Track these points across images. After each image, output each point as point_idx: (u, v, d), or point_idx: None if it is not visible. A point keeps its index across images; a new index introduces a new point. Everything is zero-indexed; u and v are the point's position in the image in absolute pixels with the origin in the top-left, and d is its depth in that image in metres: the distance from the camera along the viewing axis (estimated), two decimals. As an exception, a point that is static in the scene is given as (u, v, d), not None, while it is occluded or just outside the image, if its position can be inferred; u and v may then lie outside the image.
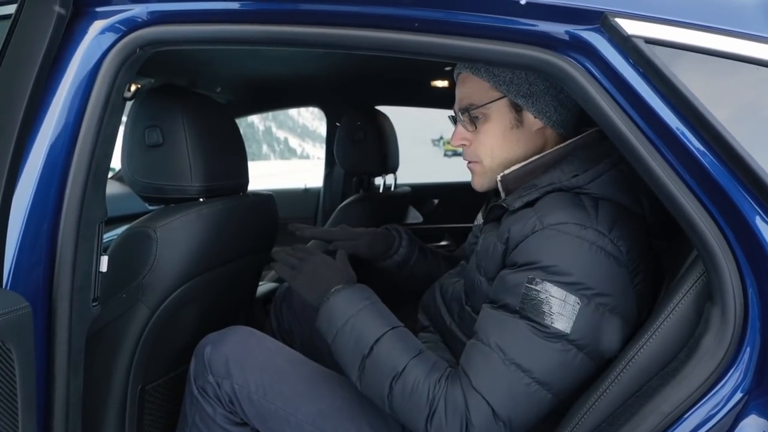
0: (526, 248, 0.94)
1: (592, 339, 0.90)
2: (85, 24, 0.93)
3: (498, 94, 1.05)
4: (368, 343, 0.98)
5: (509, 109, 1.06)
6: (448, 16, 0.84)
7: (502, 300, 0.94)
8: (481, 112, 1.07)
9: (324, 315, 1.05)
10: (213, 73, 2.20)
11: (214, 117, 1.30)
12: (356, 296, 1.05)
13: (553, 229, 0.92)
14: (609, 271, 0.91)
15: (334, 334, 1.02)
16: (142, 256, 1.14)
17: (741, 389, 0.72)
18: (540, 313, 0.90)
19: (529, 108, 1.05)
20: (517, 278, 0.93)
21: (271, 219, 1.48)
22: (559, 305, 0.89)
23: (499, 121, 1.07)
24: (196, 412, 1.15)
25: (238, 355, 1.13)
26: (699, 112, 0.72)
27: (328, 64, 2.08)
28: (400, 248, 1.44)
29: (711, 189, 0.74)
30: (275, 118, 23.63)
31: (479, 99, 1.07)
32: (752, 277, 0.73)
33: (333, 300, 1.04)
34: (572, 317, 0.89)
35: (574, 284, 0.89)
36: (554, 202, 0.96)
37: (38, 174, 0.90)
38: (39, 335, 0.90)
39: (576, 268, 0.90)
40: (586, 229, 0.91)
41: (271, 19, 0.91)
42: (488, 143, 1.08)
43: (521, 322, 0.91)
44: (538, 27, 0.81)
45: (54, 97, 0.91)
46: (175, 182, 1.21)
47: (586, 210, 0.94)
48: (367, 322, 1.01)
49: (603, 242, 0.91)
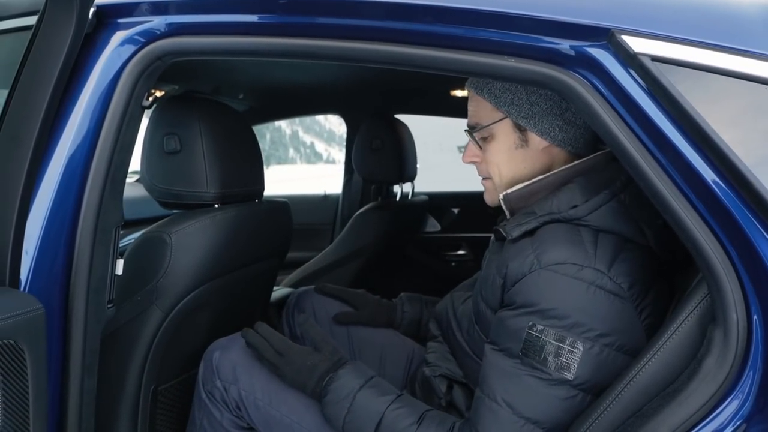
0: (524, 288, 0.93)
1: (598, 380, 0.89)
2: (106, 35, 0.97)
3: (500, 114, 1.05)
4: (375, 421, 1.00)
5: (513, 129, 1.05)
6: (456, 31, 0.85)
7: (503, 343, 0.94)
8: (487, 132, 1.07)
9: (329, 403, 1.05)
10: (235, 80, 2.24)
11: (231, 125, 1.32)
12: (353, 377, 1.06)
13: (550, 269, 0.90)
14: (611, 310, 0.89)
15: (343, 417, 1.03)
16: (157, 260, 1.17)
17: (741, 414, 0.71)
18: (542, 360, 0.89)
19: (531, 129, 1.04)
20: (517, 323, 0.92)
21: (285, 226, 1.50)
22: (560, 351, 0.88)
23: (504, 141, 1.06)
24: (204, 415, 1.17)
25: (246, 361, 1.15)
26: (705, 132, 0.71)
27: (348, 73, 2.10)
28: (404, 316, 1.44)
29: (716, 210, 0.73)
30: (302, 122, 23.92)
31: (484, 119, 1.07)
32: (756, 301, 0.71)
33: (332, 388, 1.05)
34: (575, 362, 0.88)
35: (575, 327, 0.88)
36: (552, 237, 0.94)
37: (58, 180, 0.93)
38: (55, 336, 0.93)
39: (575, 311, 0.89)
40: (583, 269, 0.90)
41: (287, 32, 0.92)
42: (494, 162, 1.08)
43: (523, 370, 0.91)
44: (546, 43, 0.81)
45: (75, 105, 0.94)
46: (191, 188, 1.24)
47: (585, 246, 0.92)
48: (369, 398, 1.03)
49: (602, 281, 0.89)
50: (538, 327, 0.89)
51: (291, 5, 0.91)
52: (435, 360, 1.20)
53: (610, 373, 0.88)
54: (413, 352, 1.41)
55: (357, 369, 1.08)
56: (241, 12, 0.93)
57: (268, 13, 0.93)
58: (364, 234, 2.27)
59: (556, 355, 0.88)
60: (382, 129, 2.24)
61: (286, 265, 1.65)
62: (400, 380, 1.38)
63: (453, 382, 1.15)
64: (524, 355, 0.90)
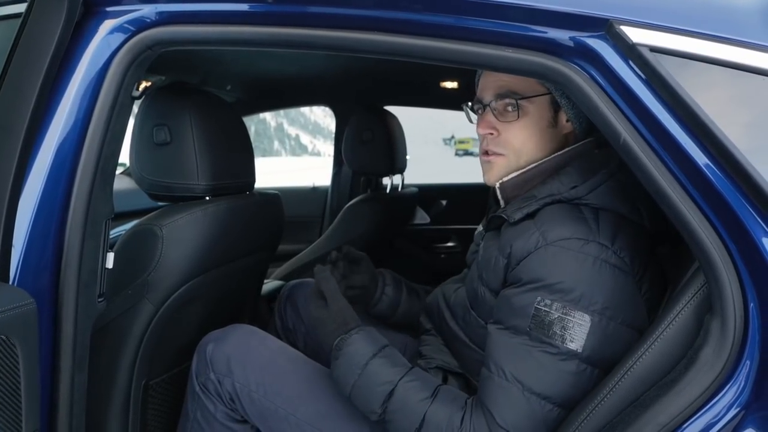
0: (530, 265, 0.93)
1: (605, 353, 0.90)
2: (95, 24, 0.95)
3: (543, 89, 1.02)
4: (386, 391, 0.99)
5: (549, 107, 1.03)
6: (454, 21, 0.84)
7: (509, 321, 0.94)
8: (522, 104, 1.03)
9: (339, 366, 1.04)
10: (223, 71, 2.21)
11: (222, 116, 1.31)
12: (370, 340, 1.05)
13: (556, 245, 0.92)
14: (616, 284, 0.91)
15: (355, 378, 1.02)
16: (148, 253, 1.16)
17: (739, 403, 0.72)
18: (550, 334, 0.90)
19: (567, 111, 1.03)
20: (523, 299, 0.93)
21: (277, 218, 1.49)
22: (567, 324, 0.89)
23: (537, 118, 1.03)
24: (197, 408, 1.16)
25: (240, 353, 1.14)
26: (703, 122, 0.71)
27: (337, 64, 2.09)
28: (382, 297, 1.41)
29: (714, 200, 0.73)
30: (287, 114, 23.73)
31: (523, 89, 1.02)
32: (753, 290, 0.72)
33: (344, 353, 1.04)
34: (582, 335, 0.89)
35: (581, 300, 0.89)
36: (555, 216, 0.95)
37: (47, 171, 0.91)
38: (45, 330, 0.91)
39: (581, 284, 0.90)
40: (588, 243, 0.91)
41: (278, 22, 0.91)
42: (520, 137, 1.04)
43: (532, 346, 0.91)
44: (544, 33, 0.81)
45: (64, 95, 0.92)
46: (181, 180, 1.22)
47: (587, 222, 0.93)
48: (384, 366, 1.01)
49: (606, 255, 0.91)
50: (545, 302, 0.90)
51: (282, -6, 0.90)
52: (429, 352, 1.20)
53: (617, 347, 0.89)
54: (407, 345, 1.41)
55: (370, 335, 1.06)
56: (232, 1, 0.92)
57: (259, 2, 0.92)
58: (354, 226, 2.26)
59: (564, 328, 0.89)
60: (372, 121, 2.23)
61: (275, 257, 1.63)
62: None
63: (448, 373, 1.15)
64: (532, 331, 0.91)
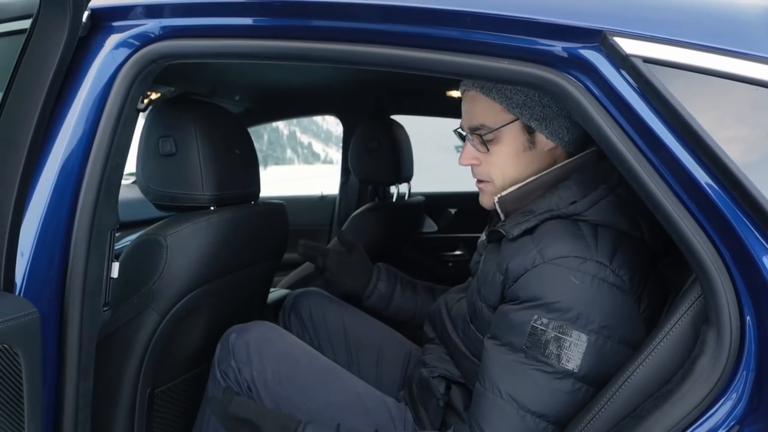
0: (528, 283, 0.93)
1: (601, 372, 0.89)
2: (101, 38, 0.97)
3: (511, 116, 1.03)
4: None
5: (522, 131, 1.04)
6: (450, 34, 0.85)
7: (506, 338, 0.94)
8: (494, 134, 1.05)
9: None
10: (231, 82, 2.24)
11: (226, 127, 1.32)
12: None
13: (554, 263, 0.91)
14: (613, 302, 0.90)
15: None
16: (153, 262, 1.17)
17: (735, 414, 0.71)
18: (546, 353, 0.90)
19: (542, 131, 1.03)
20: (520, 317, 0.93)
21: (281, 227, 1.50)
22: (564, 344, 0.89)
23: (512, 144, 1.05)
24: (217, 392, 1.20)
25: (260, 343, 1.19)
26: (697, 133, 0.71)
27: (344, 74, 2.10)
28: (378, 284, 1.44)
29: (709, 211, 0.73)
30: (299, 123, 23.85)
31: (491, 121, 1.04)
32: (749, 301, 0.72)
33: None
34: (579, 354, 0.89)
35: (578, 320, 0.89)
36: (553, 233, 0.95)
37: (53, 183, 0.93)
38: (50, 339, 0.92)
39: (579, 303, 0.89)
40: (586, 261, 0.91)
41: (281, 35, 0.92)
42: (500, 164, 1.06)
43: (528, 364, 0.91)
44: (539, 45, 0.81)
45: (70, 109, 0.94)
46: (186, 191, 1.24)
47: (586, 240, 0.93)
48: None
49: (604, 274, 0.90)
50: (542, 320, 0.90)
51: (285, 8, 0.91)
52: (432, 361, 1.21)
53: (613, 366, 0.88)
54: (410, 352, 1.42)
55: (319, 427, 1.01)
56: (236, 15, 0.93)
57: (263, 16, 0.93)
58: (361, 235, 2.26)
59: (560, 347, 0.89)
60: (379, 130, 2.24)
61: (282, 266, 1.65)
62: (398, 381, 1.38)
63: (451, 382, 1.15)
64: (528, 349, 0.91)
